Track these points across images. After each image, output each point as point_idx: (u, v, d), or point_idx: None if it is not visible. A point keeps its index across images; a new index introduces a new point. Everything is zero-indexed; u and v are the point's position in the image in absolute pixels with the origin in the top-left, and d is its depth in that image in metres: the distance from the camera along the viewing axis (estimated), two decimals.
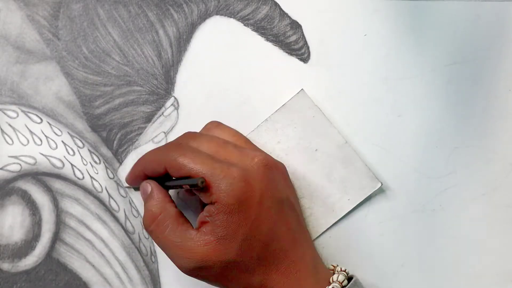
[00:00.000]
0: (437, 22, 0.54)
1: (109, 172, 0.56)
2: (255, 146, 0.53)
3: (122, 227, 0.55)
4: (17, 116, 0.56)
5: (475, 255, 0.53)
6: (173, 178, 0.49)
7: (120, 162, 0.56)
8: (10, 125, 0.56)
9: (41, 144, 0.56)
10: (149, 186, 0.50)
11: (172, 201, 0.50)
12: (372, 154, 0.54)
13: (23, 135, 0.56)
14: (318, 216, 0.53)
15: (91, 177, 0.56)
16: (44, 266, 0.55)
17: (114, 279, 0.55)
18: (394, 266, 0.54)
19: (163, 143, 0.56)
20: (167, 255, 0.48)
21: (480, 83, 0.54)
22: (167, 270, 0.55)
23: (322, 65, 0.55)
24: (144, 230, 0.55)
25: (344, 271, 0.49)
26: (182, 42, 0.56)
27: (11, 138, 0.56)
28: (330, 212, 0.53)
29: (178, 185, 0.48)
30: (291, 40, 0.55)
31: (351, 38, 0.55)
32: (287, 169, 0.52)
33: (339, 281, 0.47)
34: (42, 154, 0.56)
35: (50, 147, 0.56)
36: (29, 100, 0.56)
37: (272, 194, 0.47)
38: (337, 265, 0.50)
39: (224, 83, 0.56)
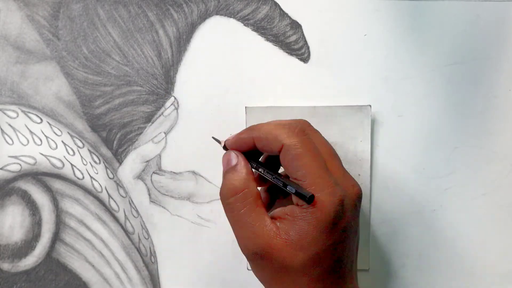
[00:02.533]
0: (437, 22, 0.54)
1: (108, 172, 0.56)
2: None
3: (122, 227, 0.55)
4: (17, 116, 0.56)
5: (475, 255, 0.53)
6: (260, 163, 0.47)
7: (120, 162, 0.56)
8: (10, 125, 0.56)
9: (41, 144, 0.56)
10: (236, 157, 0.48)
11: (256, 180, 0.48)
12: (372, 154, 0.54)
13: (23, 135, 0.56)
14: None
15: (91, 177, 0.56)
16: (44, 266, 0.55)
17: (114, 279, 0.55)
18: (394, 266, 0.54)
19: (163, 143, 0.56)
20: (234, 231, 0.46)
21: (480, 83, 0.54)
22: (167, 270, 0.55)
23: (322, 65, 0.55)
24: (144, 231, 0.55)
25: None
26: (182, 42, 0.56)
27: (11, 138, 0.56)
28: None
29: (276, 181, 0.46)
30: (291, 40, 0.55)
31: (351, 38, 0.55)
32: None
33: None
34: (42, 154, 0.56)
35: (50, 147, 0.56)
36: (29, 100, 0.56)
37: (353, 224, 0.46)
38: None
39: (224, 83, 0.56)
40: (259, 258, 0.45)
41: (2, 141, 0.56)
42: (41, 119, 0.56)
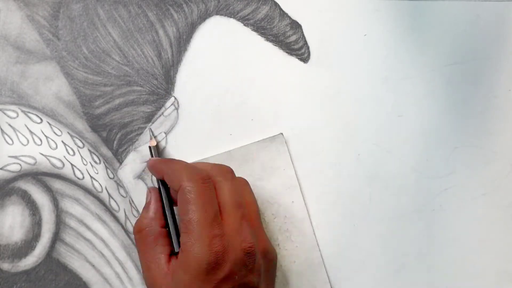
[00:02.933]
0: (437, 22, 0.54)
1: (109, 172, 0.56)
2: (259, 226, 0.50)
3: (122, 227, 0.55)
4: (17, 116, 0.56)
5: (475, 255, 0.53)
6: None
7: (120, 162, 0.56)
8: (10, 125, 0.56)
9: (41, 144, 0.56)
10: (149, 195, 0.52)
11: (162, 218, 0.50)
12: (372, 154, 0.54)
13: (23, 135, 0.56)
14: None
15: (91, 177, 0.56)
16: (44, 266, 0.55)
17: (114, 279, 0.55)
18: (394, 266, 0.54)
19: (163, 143, 0.56)
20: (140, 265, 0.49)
21: (480, 83, 0.54)
22: None
23: (322, 65, 0.55)
24: None
25: None
26: (182, 42, 0.56)
27: (11, 138, 0.56)
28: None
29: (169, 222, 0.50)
30: (291, 40, 0.55)
31: (351, 38, 0.55)
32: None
33: None
34: (42, 154, 0.56)
35: (50, 147, 0.56)
36: (29, 100, 0.56)
37: (242, 279, 0.46)
38: None
39: (224, 83, 0.56)
40: None
41: (2, 141, 0.56)
42: (41, 119, 0.56)
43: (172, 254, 0.49)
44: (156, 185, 0.53)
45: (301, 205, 0.54)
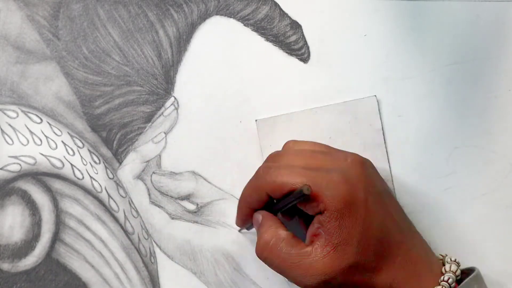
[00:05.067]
0: (437, 22, 0.54)
1: (108, 172, 0.56)
2: (337, 149, 0.52)
3: (122, 227, 0.55)
4: (17, 116, 0.56)
5: (475, 255, 0.53)
6: (275, 201, 0.48)
7: (120, 162, 0.56)
8: (10, 125, 0.56)
9: (41, 144, 0.56)
10: (259, 215, 0.49)
11: (283, 225, 0.48)
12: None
13: (23, 135, 0.56)
14: None
15: (90, 177, 0.56)
16: (44, 266, 0.55)
17: (114, 279, 0.55)
18: None
19: (162, 143, 0.56)
20: (287, 277, 0.47)
21: (480, 83, 0.54)
22: (166, 271, 0.55)
23: (322, 65, 0.55)
24: (144, 231, 0.55)
25: (455, 261, 0.48)
26: (182, 42, 0.56)
27: (11, 138, 0.56)
28: None
29: (285, 204, 0.47)
30: (291, 40, 0.55)
31: (351, 38, 0.55)
32: None
33: (452, 271, 0.47)
34: (42, 154, 0.56)
35: (50, 147, 0.56)
36: (29, 100, 0.56)
37: (373, 189, 0.47)
38: (446, 255, 0.49)
39: (224, 83, 0.56)
40: (324, 284, 0.45)
41: (2, 141, 0.56)
42: (41, 119, 0.56)
43: None
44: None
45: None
